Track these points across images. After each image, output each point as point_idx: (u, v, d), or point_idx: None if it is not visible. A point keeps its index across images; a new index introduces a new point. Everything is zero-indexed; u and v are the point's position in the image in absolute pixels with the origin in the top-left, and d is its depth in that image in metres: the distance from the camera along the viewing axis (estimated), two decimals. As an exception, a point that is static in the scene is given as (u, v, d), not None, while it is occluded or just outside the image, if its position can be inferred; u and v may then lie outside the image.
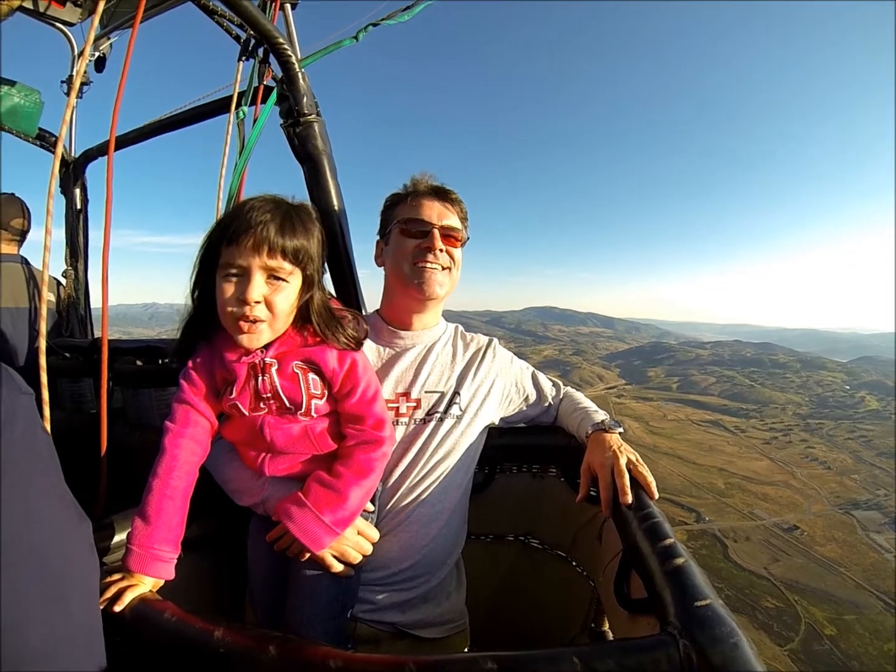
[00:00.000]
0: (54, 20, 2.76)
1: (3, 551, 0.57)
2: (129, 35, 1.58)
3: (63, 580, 0.64)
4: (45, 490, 0.65)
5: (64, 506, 0.69)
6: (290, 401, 1.21)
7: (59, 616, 0.62)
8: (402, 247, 1.53)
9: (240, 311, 1.11)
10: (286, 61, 1.88)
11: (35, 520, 0.62)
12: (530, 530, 1.87)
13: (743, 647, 0.74)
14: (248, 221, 1.11)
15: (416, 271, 1.51)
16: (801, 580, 56.71)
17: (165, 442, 1.17)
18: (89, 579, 0.72)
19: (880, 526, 72.50)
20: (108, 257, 1.44)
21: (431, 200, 1.56)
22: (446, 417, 1.52)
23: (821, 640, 47.54)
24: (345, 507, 1.18)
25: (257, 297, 1.11)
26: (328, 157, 1.86)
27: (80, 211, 3.24)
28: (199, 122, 2.40)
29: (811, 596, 53.66)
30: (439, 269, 1.53)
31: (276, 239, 1.11)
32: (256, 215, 1.12)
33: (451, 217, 1.56)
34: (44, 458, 0.66)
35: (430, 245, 1.50)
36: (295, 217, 1.18)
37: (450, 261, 1.56)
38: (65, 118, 1.56)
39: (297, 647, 0.81)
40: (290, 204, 1.23)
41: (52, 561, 0.63)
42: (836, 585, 56.49)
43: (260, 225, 1.10)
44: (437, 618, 1.48)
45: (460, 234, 1.58)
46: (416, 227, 1.53)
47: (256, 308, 1.12)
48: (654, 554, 1.02)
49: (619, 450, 1.38)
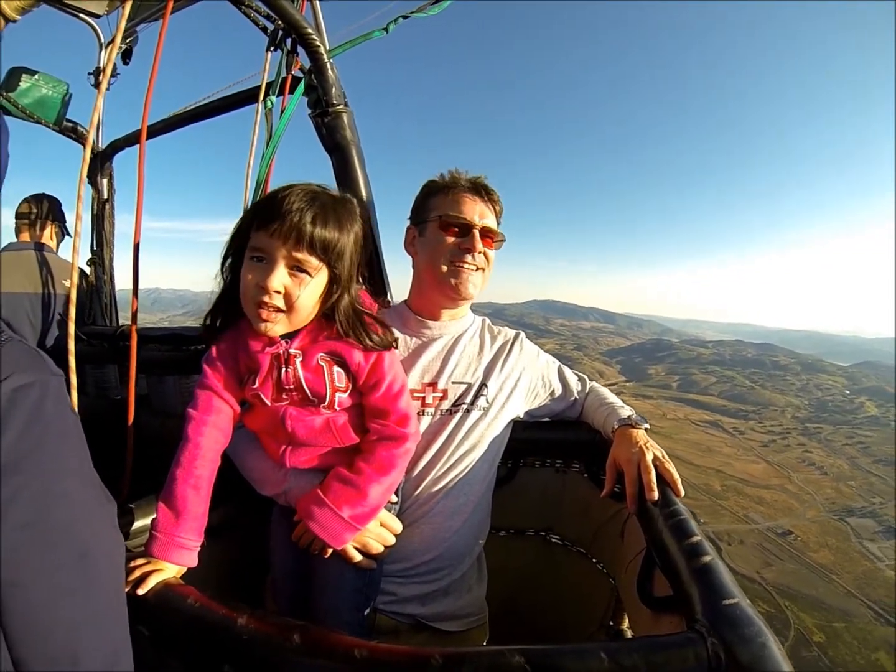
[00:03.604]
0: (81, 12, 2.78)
1: (34, 528, 0.58)
2: (155, 26, 1.58)
3: (91, 557, 0.65)
4: (74, 469, 0.66)
5: (92, 486, 0.70)
6: (314, 393, 1.19)
7: (87, 593, 0.64)
8: (440, 243, 1.51)
9: (259, 298, 1.09)
10: (315, 52, 1.88)
11: (65, 498, 0.63)
12: (551, 526, 1.87)
13: (771, 647, 0.75)
14: (281, 208, 1.07)
15: (453, 271, 1.49)
16: (793, 586, 56.67)
17: (188, 430, 1.17)
18: (116, 558, 0.72)
19: (874, 534, 72.34)
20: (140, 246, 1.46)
21: (473, 198, 1.53)
22: (473, 409, 1.50)
23: (809, 647, 47.47)
24: (364, 504, 1.18)
25: (277, 287, 1.08)
26: (356, 148, 1.86)
27: (107, 200, 3.28)
28: (226, 113, 2.40)
29: (802, 602, 53.65)
30: (474, 270, 1.51)
31: (305, 230, 1.07)
32: (290, 203, 1.08)
33: (489, 217, 1.54)
34: (73, 437, 0.68)
35: (470, 246, 1.48)
36: (331, 210, 1.13)
37: (485, 261, 1.54)
38: (96, 107, 1.56)
39: (321, 636, 0.82)
40: (331, 196, 1.19)
41: (81, 538, 0.64)
42: (827, 592, 56.47)
43: (291, 213, 1.07)
44: (458, 611, 1.48)
45: (498, 236, 1.56)
46: (457, 225, 1.50)
47: (275, 297, 1.09)
48: (681, 551, 1.02)
49: (645, 446, 1.37)
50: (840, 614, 52.46)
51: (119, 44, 2.66)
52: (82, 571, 0.63)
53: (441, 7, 2.40)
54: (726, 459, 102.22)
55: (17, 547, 0.56)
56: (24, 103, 2.58)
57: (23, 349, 0.67)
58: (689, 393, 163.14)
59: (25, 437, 0.59)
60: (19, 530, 0.57)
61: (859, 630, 50.51)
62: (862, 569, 62.84)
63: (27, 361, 0.65)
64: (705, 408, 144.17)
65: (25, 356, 0.66)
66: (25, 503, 0.58)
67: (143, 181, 1.45)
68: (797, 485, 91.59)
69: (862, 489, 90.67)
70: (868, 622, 51.99)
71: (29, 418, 0.60)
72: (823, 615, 52.12)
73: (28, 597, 0.57)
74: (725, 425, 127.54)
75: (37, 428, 0.61)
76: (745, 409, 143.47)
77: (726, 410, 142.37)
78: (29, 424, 0.60)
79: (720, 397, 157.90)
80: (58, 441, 0.64)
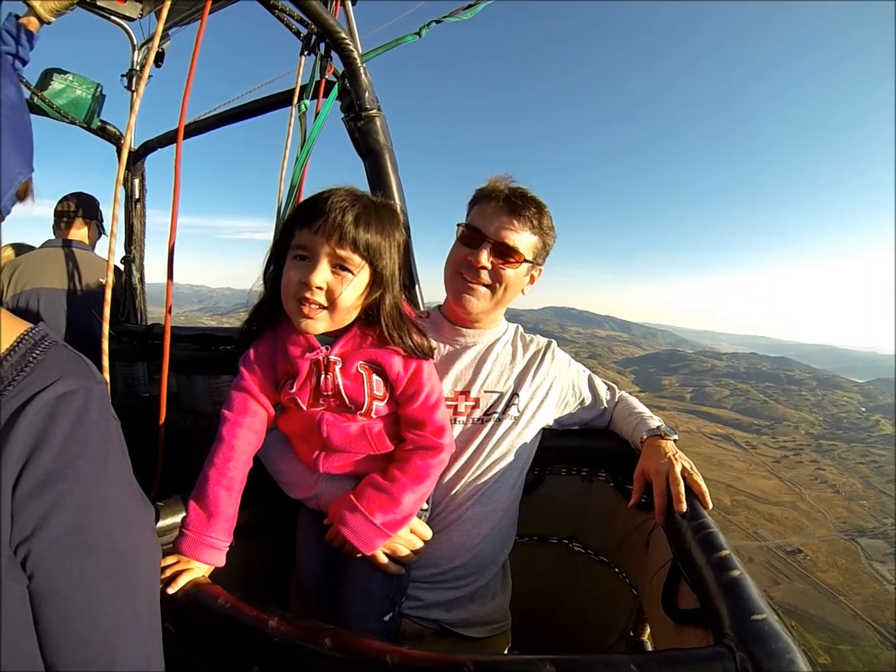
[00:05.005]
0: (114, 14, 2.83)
1: (77, 536, 0.58)
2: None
3: (131, 565, 0.65)
4: (117, 476, 0.66)
5: (132, 492, 0.70)
6: (352, 400, 1.20)
7: (125, 601, 0.63)
8: (453, 253, 1.51)
9: (301, 294, 1.11)
10: (348, 56, 1.89)
11: (107, 506, 0.63)
12: (575, 534, 1.86)
13: (798, 664, 0.75)
14: (325, 206, 1.10)
15: (458, 285, 1.49)
16: (800, 606, 55.91)
17: (223, 431, 1.18)
18: (153, 565, 0.72)
19: (884, 556, 71.11)
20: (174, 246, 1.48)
21: (499, 210, 1.45)
22: (504, 418, 1.50)
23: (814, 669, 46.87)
24: (397, 511, 1.18)
25: (319, 283, 1.09)
26: (389, 152, 1.86)
27: (139, 200, 3.34)
28: (260, 115, 2.42)
29: (808, 622, 52.84)
30: (480, 286, 1.47)
31: (348, 228, 1.08)
32: (334, 202, 1.10)
33: (514, 234, 1.44)
34: (115, 444, 0.67)
35: (474, 261, 1.43)
36: (373, 212, 1.15)
37: (494, 279, 1.46)
38: (133, 109, 1.59)
39: (352, 640, 0.82)
40: (373, 200, 1.21)
41: (121, 546, 0.64)
42: (834, 613, 55.58)
43: (335, 211, 1.09)
44: (482, 617, 1.48)
45: (518, 256, 1.45)
46: (469, 237, 1.48)
47: (317, 294, 1.10)
48: (709, 565, 1.01)
49: (674, 457, 1.35)
50: (846, 636, 51.64)
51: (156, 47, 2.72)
52: (121, 579, 0.63)
53: (474, 11, 2.41)
54: (737, 474, 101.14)
55: (60, 555, 0.56)
56: (59, 104, 2.64)
57: (68, 354, 0.67)
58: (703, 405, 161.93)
59: (69, 445, 0.59)
60: (63, 539, 0.57)
61: (865, 653, 49.71)
62: (871, 591, 61.81)
63: (72, 368, 0.65)
64: (718, 421, 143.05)
65: (70, 362, 0.66)
66: (69, 511, 0.58)
67: (179, 181, 1.46)
68: (808, 502, 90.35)
69: (874, 509, 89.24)
70: (874, 645, 51.14)
71: (73, 426, 0.60)
72: (829, 636, 51.30)
73: (68, 605, 0.57)
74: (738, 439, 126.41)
75: (81, 435, 0.61)
76: (758, 424, 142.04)
77: (739, 424, 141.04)
78: (73, 432, 0.60)
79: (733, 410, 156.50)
80: (101, 448, 0.64)
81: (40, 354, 0.63)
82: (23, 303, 2.80)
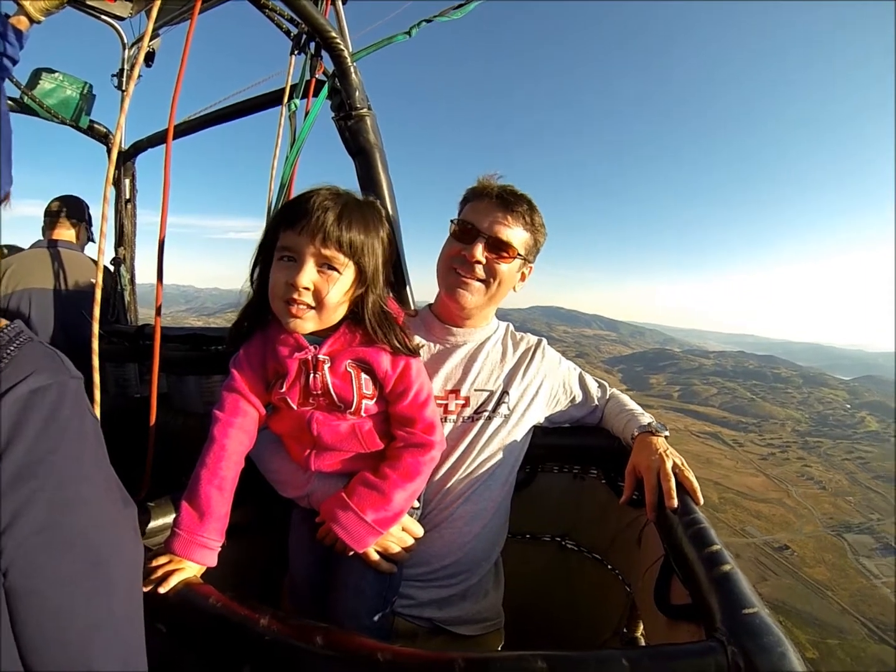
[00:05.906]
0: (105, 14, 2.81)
1: (50, 534, 0.57)
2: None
3: (108, 564, 0.63)
4: (91, 473, 0.65)
5: (110, 490, 0.68)
6: (341, 399, 1.20)
7: (103, 599, 0.62)
8: (447, 249, 1.52)
9: (288, 295, 1.12)
10: (338, 55, 1.88)
11: (81, 503, 0.62)
12: (567, 531, 1.87)
13: (790, 657, 0.75)
14: (308, 207, 1.11)
15: (451, 280, 1.49)
16: (788, 601, 56.35)
17: (214, 431, 1.18)
18: (133, 563, 0.70)
19: (871, 551, 71.94)
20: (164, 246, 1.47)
21: (491, 206, 1.47)
22: (494, 416, 1.51)
23: (801, 663, 47.36)
24: (388, 508, 1.19)
25: (306, 284, 1.11)
26: (380, 151, 1.86)
27: (129, 200, 3.33)
28: (249, 115, 2.41)
29: (796, 618, 53.27)
30: (474, 281, 1.47)
31: (332, 228, 1.10)
32: (317, 202, 1.11)
33: (507, 229, 1.45)
34: (91, 440, 0.66)
35: (468, 255, 1.44)
36: (356, 211, 1.17)
37: (488, 274, 1.48)
38: (123, 109, 1.58)
39: (344, 638, 0.81)
40: (357, 199, 1.23)
41: (97, 543, 0.63)
42: (821, 609, 56.10)
43: (319, 211, 1.10)
44: (475, 615, 1.49)
45: (512, 251, 1.46)
46: (463, 232, 1.48)
47: (304, 294, 1.11)
48: (700, 560, 1.02)
49: (665, 453, 1.37)
50: (834, 631, 52.14)
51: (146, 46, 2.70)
52: (99, 577, 0.62)
53: (464, 11, 2.42)
54: (725, 472, 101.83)
55: (33, 552, 0.55)
56: (49, 104, 2.63)
57: (42, 350, 0.66)
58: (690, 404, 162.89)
59: (42, 440, 0.58)
60: (35, 535, 0.56)
61: (852, 647, 50.21)
62: (858, 585, 62.49)
63: (46, 363, 0.64)
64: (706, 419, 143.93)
65: (44, 358, 0.65)
66: (41, 508, 0.57)
67: (169, 181, 1.45)
68: (795, 499, 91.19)
69: (860, 505, 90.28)
70: (862, 639, 51.69)
71: (46, 421, 0.59)
72: (817, 631, 51.80)
73: (44, 605, 0.56)
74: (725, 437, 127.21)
75: (53, 431, 0.60)
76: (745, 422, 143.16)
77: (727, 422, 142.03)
78: (45, 427, 0.59)
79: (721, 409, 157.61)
80: (75, 444, 0.63)
81: (14, 350, 0.63)
82: (14, 304, 2.79)
